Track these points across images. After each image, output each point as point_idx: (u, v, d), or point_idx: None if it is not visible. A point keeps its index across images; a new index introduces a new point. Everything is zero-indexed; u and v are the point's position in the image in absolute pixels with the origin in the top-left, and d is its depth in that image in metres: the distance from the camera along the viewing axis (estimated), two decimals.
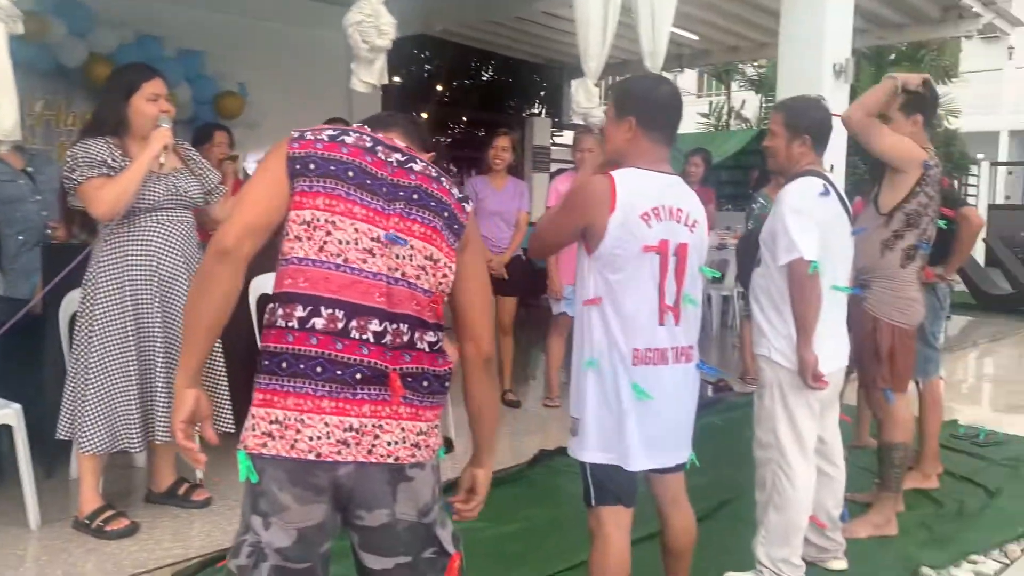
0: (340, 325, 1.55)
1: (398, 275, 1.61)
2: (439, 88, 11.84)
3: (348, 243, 1.58)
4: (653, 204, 2.21)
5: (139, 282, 3.12)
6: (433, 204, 1.66)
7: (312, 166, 1.60)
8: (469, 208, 1.74)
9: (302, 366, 1.54)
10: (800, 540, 2.83)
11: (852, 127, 3.29)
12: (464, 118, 12.32)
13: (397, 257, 1.61)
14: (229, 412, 3.32)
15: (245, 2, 7.45)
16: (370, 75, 3.70)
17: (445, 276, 1.66)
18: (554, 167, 11.52)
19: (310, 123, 1.83)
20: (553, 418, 5.06)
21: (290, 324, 1.55)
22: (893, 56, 11.85)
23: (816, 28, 5.81)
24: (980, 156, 16.21)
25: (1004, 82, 18.85)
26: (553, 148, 12.07)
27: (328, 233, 1.57)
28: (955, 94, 13.81)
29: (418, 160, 1.71)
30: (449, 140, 12.31)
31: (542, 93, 12.57)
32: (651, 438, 2.22)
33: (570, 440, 2.33)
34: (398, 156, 1.68)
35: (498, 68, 12.29)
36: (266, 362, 1.57)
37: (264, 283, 3.85)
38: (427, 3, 7.85)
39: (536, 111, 12.53)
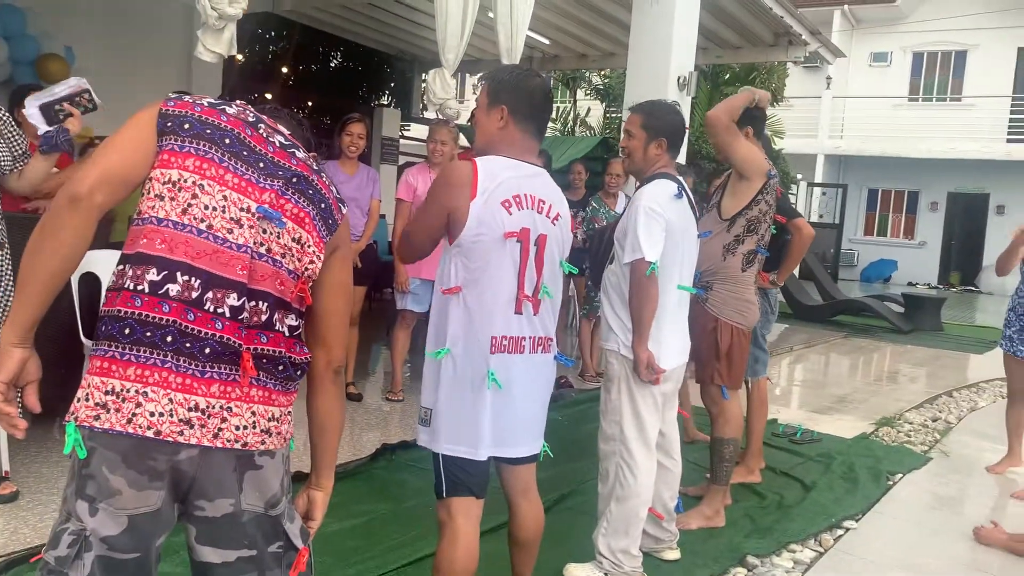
0: (195, 295, 1.42)
1: (263, 250, 1.50)
2: (284, 70, 11.40)
3: (215, 209, 1.46)
4: (515, 192, 2.20)
5: None
6: (311, 192, 1.58)
7: (187, 126, 1.48)
8: (345, 210, 1.66)
9: (148, 334, 1.40)
10: (639, 531, 2.91)
11: (717, 127, 3.38)
12: (310, 103, 11.91)
13: (264, 232, 1.50)
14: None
15: None
16: (218, 44, 3.48)
17: (312, 263, 1.57)
18: (402, 160, 11.39)
19: (144, 93, 1.68)
20: (395, 412, 4.97)
21: (140, 287, 1.40)
22: (728, 76, 12.53)
23: (663, 40, 6.04)
24: (799, 176, 17.49)
25: (822, 110, 20.43)
26: (402, 141, 11.92)
27: (194, 196, 1.45)
28: (781, 116, 14.82)
29: (301, 150, 1.62)
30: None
31: (392, 84, 12.38)
32: (505, 428, 2.20)
33: (420, 431, 2.28)
34: (281, 139, 1.59)
35: (348, 55, 11.98)
36: (106, 327, 1.41)
37: (91, 259, 3.58)
38: None
39: (385, 102, 12.33)
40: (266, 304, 1.50)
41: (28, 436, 1.49)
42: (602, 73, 13.80)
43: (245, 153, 1.52)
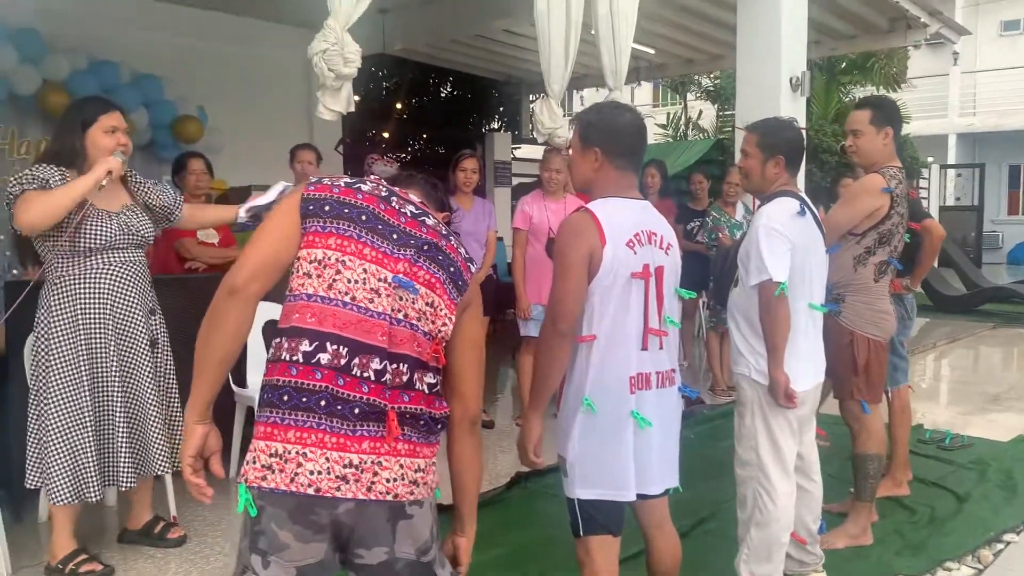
0: (343, 361, 1.57)
1: (400, 316, 1.64)
2: (398, 106, 11.81)
3: (356, 282, 1.61)
4: (635, 231, 2.24)
5: (92, 326, 3.03)
6: (441, 258, 1.71)
7: (327, 208, 1.64)
8: (474, 269, 1.78)
9: (305, 399, 1.55)
10: (782, 556, 2.86)
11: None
12: (424, 135, 12.29)
13: (401, 299, 1.64)
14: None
15: (203, 24, 7.38)
16: (337, 103, 3.68)
17: (444, 325, 1.70)
18: (515, 181, 11.56)
19: (271, 148, 1.89)
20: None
21: (295, 358, 1.57)
22: (844, 65, 12.10)
23: (772, 42, 5.92)
24: (930, 159, 16.59)
25: (950, 87, 19.34)
26: (514, 162, 12.10)
27: (338, 272, 1.61)
28: (904, 99, 14.17)
29: (431, 216, 1.75)
30: (409, 158, 12.29)
31: (501, 108, 12.60)
32: (644, 466, 2.23)
33: (564, 482, 2.32)
34: (412, 208, 1.73)
35: (457, 84, 12.30)
36: (267, 395, 1.59)
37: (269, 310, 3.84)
38: (387, 24, 7.85)
39: (496, 126, 12.56)
40: (406, 365, 1.63)
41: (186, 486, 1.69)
42: (711, 75, 13.58)
43: (380, 227, 1.66)
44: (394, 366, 1.61)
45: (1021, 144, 19.31)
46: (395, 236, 1.66)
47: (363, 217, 1.65)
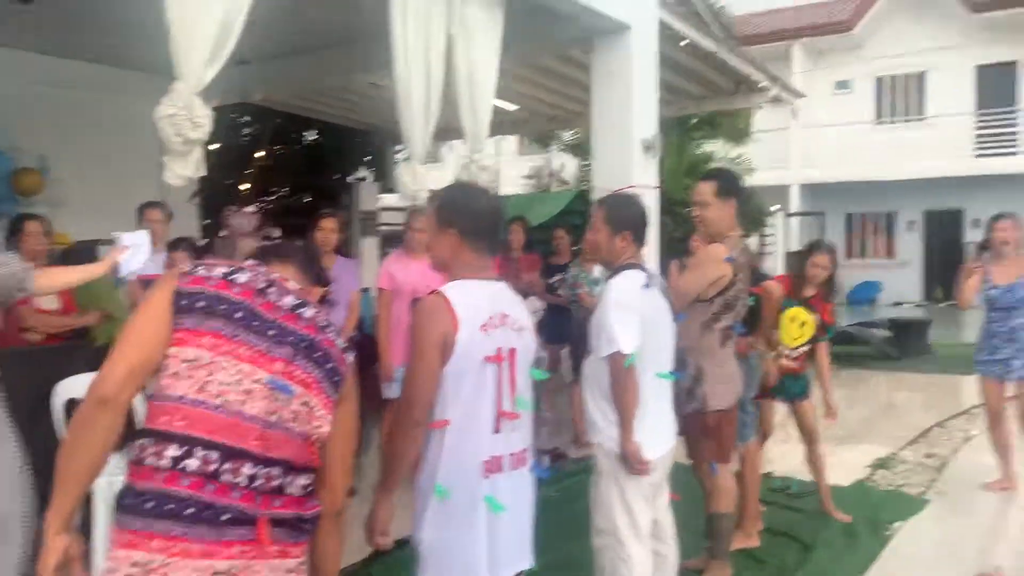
0: (213, 467, 1.51)
1: (274, 419, 1.59)
2: (260, 155, 11.52)
3: (229, 384, 1.56)
4: (489, 313, 2.25)
5: None
6: (318, 355, 1.67)
7: (201, 303, 1.58)
8: (351, 359, 1.76)
9: (170, 506, 1.48)
10: None
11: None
12: (287, 185, 12.03)
13: (276, 400, 1.60)
14: None
15: (46, 68, 6.96)
16: (185, 168, 3.54)
17: (320, 426, 1.67)
18: (384, 230, 11.49)
19: (121, 198, 1.82)
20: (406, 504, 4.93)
21: (161, 463, 1.50)
22: (695, 121, 12.75)
23: (624, 106, 6.16)
24: (775, 207, 17.66)
25: (791, 141, 20.78)
26: (381, 212, 12.03)
27: (210, 373, 1.55)
28: (750, 152, 15.06)
29: (309, 306, 1.71)
30: (272, 206, 11.98)
31: (368, 157, 12.51)
32: (498, 550, 2.22)
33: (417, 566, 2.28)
34: (290, 300, 1.68)
35: (322, 133, 12.12)
36: (129, 500, 1.50)
37: (71, 387, 3.59)
38: (248, 73, 7.69)
39: (362, 175, 12.46)
40: (279, 470, 1.59)
41: None
42: (573, 131, 14.01)
43: (256, 324, 1.61)
44: (266, 471, 1.56)
45: (855, 193, 20.92)
46: (272, 333, 1.62)
47: (239, 314, 1.59)
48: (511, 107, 9.52)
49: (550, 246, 7.35)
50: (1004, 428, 5.19)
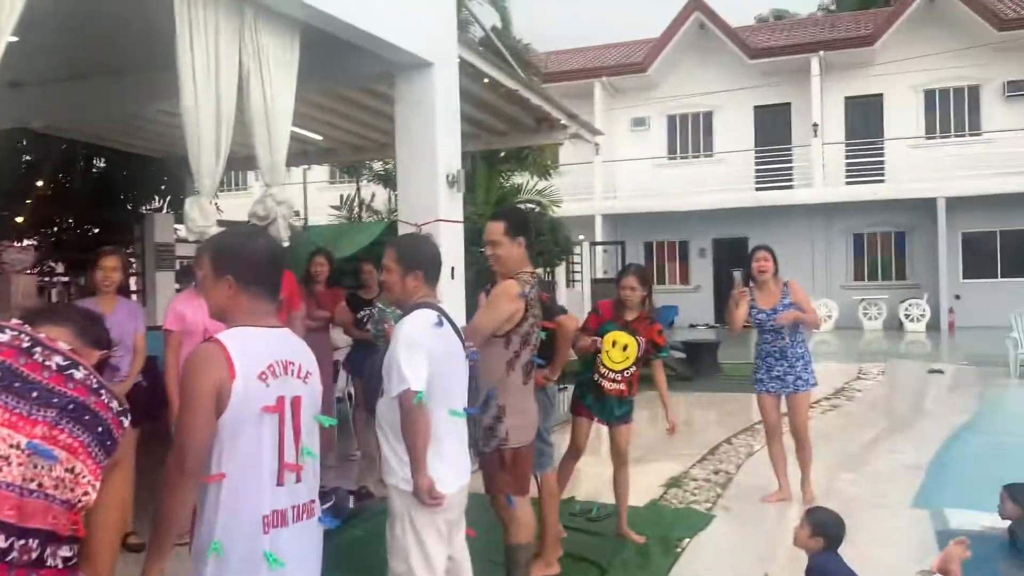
0: None
1: (34, 486, 1.47)
2: (39, 184, 10.62)
3: None
4: (268, 362, 2.18)
5: None
6: (87, 418, 1.55)
7: None
8: (127, 423, 1.65)
9: None
10: None
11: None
12: (71, 216, 11.14)
13: (35, 467, 1.47)
14: None
15: None
16: None
17: (87, 493, 1.55)
18: (179, 264, 10.88)
19: None
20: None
21: None
22: (503, 155, 13.10)
23: (428, 142, 6.23)
24: (581, 237, 18.46)
25: (594, 174, 21.90)
26: (177, 244, 11.41)
27: None
28: (557, 185, 15.68)
29: (81, 368, 1.59)
30: (54, 239, 11.06)
31: (163, 187, 11.86)
32: None
33: None
34: (58, 360, 1.56)
35: (111, 162, 11.35)
36: None
37: None
38: (24, 98, 7.10)
39: (157, 206, 11.78)
40: (36, 541, 1.46)
41: None
42: (383, 160, 14.01)
43: (17, 384, 1.49)
44: (22, 542, 1.44)
45: (652, 223, 22.30)
46: (35, 394, 1.50)
47: None
48: (316, 137, 9.37)
49: (359, 278, 7.27)
50: (780, 442, 5.67)
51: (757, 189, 21.43)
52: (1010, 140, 19.43)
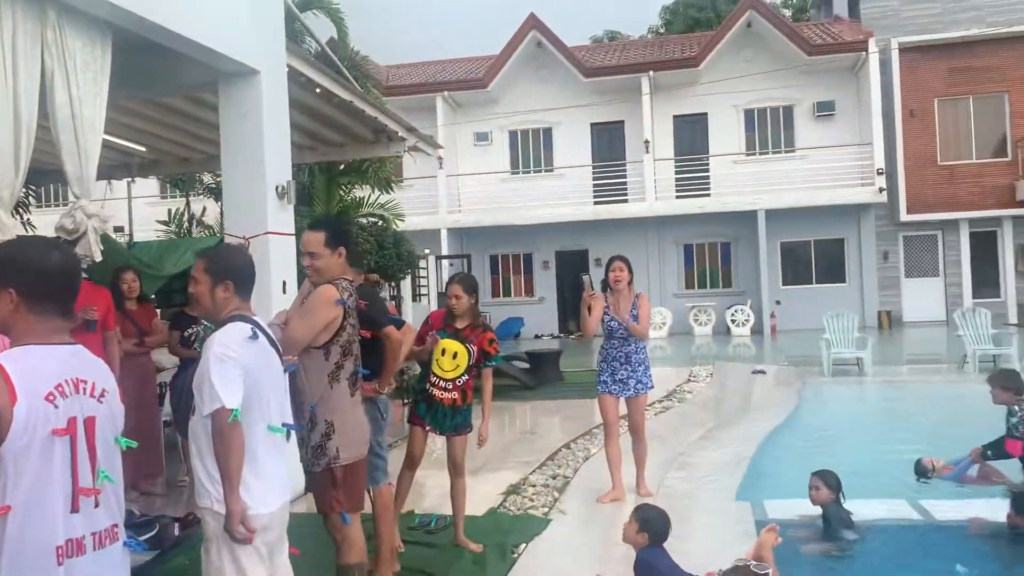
0: None
1: None
2: None
3: None
4: (56, 382, 2.03)
5: None
6: None
7: None
8: None
9: None
10: None
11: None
12: None
13: None
14: None
15: None
16: None
17: None
18: None
19: None
20: None
21: None
22: (343, 167, 12.87)
23: (255, 152, 6.03)
24: (427, 251, 18.45)
25: (439, 188, 21.96)
26: None
27: None
28: (401, 198, 15.57)
29: None
30: None
31: None
32: None
33: None
34: None
35: None
36: None
37: None
38: None
39: None
40: None
41: None
42: (213, 173, 13.47)
43: None
44: None
45: (497, 237, 22.61)
46: None
47: None
48: (139, 148, 8.88)
49: (186, 296, 6.93)
50: (618, 443, 5.91)
51: (595, 203, 22.16)
52: (821, 156, 21.09)
